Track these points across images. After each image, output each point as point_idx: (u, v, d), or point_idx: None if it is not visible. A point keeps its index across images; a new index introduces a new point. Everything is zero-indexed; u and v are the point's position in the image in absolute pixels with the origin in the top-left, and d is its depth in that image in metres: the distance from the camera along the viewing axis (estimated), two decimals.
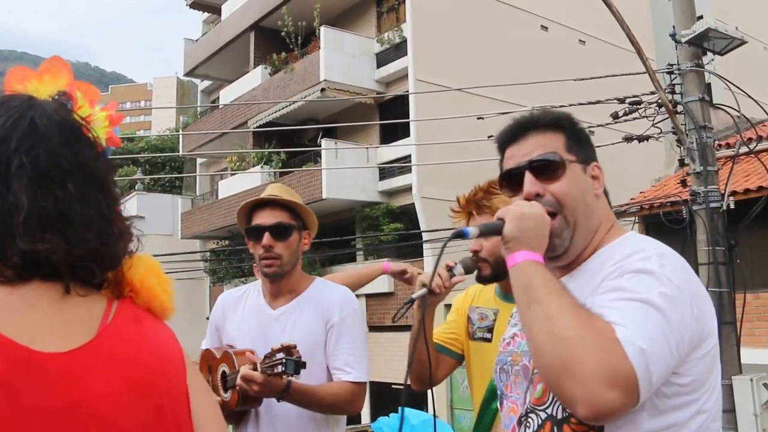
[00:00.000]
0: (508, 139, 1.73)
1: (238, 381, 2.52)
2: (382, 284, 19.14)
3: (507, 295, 2.61)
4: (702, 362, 1.42)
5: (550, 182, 1.61)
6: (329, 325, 2.77)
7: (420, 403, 9.69)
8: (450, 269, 2.36)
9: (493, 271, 2.51)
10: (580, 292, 1.46)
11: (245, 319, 2.87)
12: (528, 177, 1.63)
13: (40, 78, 1.22)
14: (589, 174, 1.67)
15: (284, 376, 2.41)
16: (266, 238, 2.74)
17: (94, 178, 1.16)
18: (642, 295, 1.35)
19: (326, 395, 2.67)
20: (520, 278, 1.48)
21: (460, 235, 1.60)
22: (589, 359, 1.26)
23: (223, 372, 2.74)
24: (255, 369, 2.48)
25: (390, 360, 16.62)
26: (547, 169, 1.62)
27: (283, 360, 2.39)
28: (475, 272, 2.50)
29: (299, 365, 2.39)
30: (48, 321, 1.07)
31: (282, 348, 2.43)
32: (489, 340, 2.58)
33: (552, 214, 1.58)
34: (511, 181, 1.70)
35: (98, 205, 1.15)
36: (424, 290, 2.24)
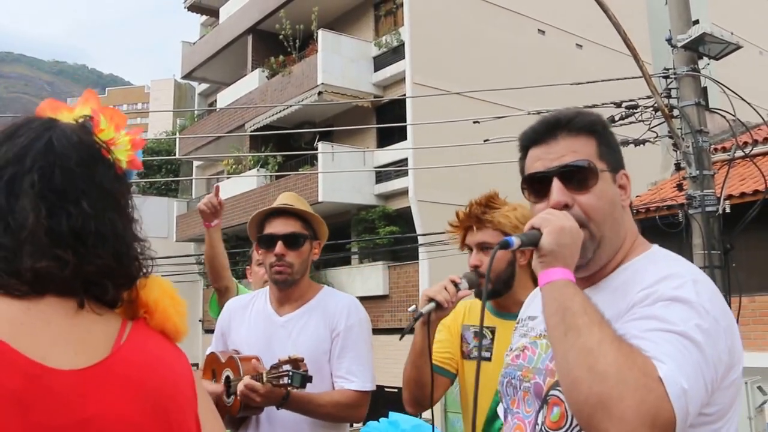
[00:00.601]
0: (535, 138, 1.61)
1: (240, 388, 2.53)
2: (376, 287, 19.17)
3: (502, 312, 2.57)
4: (729, 391, 1.37)
5: (579, 192, 1.51)
6: (335, 333, 2.77)
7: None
8: (456, 284, 2.28)
9: (493, 287, 2.47)
10: (605, 310, 1.37)
11: (252, 325, 2.87)
12: (557, 185, 1.52)
13: (71, 110, 1.26)
14: (618, 183, 1.57)
15: (290, 388, 2.43)
16: (279, 246, 2.76)
17: (111, 198, 1.19)
18: (680, 328, 1.28)
19: (325, 403, 2.66)
20: (557, 299, 1.37)
21: (505, 245, 1.48)
22: (631, 398, 1.19)
23: (227, 377, 2.74)
24: (260, 379, 2.49)
25: (383, 363, 16.60)
26: (577, 177, 1.51)
27: (290, 373, 2.40)
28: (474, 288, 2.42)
29: (305, 379, 2.41)
30: (63, 337, 1.08)
31: (289, 360, 2.44)
32: (488, 359, 2.50)
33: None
34: (535, 185, 1.59)
35: (113, 224, 1.18)
36: (432, 304, 2.18)
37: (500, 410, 1.94)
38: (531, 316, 1.77)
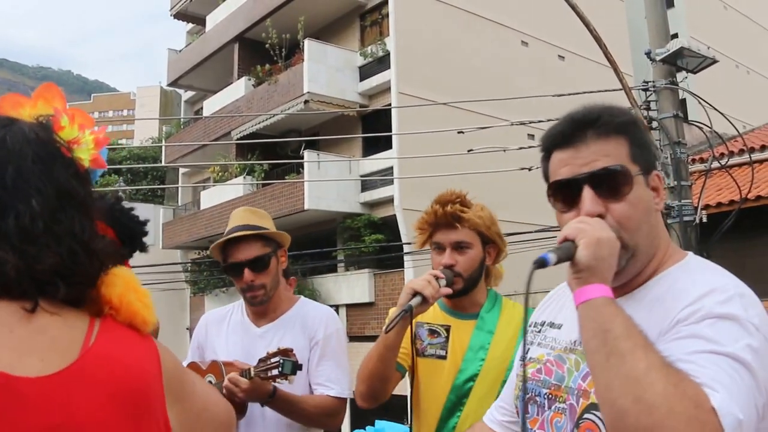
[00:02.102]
0: (561, 139, 1.46)
1: (225, 383, 2.53)
2: (362, 294, 19.20)
3: (456, 311, 2.55)
4: None
5: (612, 200, 1.38)
6: (313, 342, 2.79)
7: (400, 415, 9.75)
8: (437, 279, 2.27)
9: (465, 286, 2.46)
10: (643, 325, 1.25)
11: (229, 337, 2.88)
12: (588, 193, 1.39)
13: (33, 104, 1.23)
14: (651, 185, 1.44)
15: (279, 379, 2.44)
16: (247, 273, 2.73)
17: (68, 196, 1.16)
18: (729, 350, 1.17)
19: (310, 406, 2.69)
20: (595, 319, 1.24)
21: (542, 263, 1.30)
22: (682, 429, 1.09)
23: (209, 382, 2.69)
24: (248, 374, 2.49)
25: None
26: (610, 184, 1.38)
27: (281, 361, 2.41)
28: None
29: (296, 366, 2.43)
30: (27, 344, 1.05)
31: (278, 351, 2.46)
32: (444, 358, 2.47)
33: None
34: (562, 193, 1.45)
35: (70, 221, 1.14)
36: (418, 298, 2.17)
37: (490, 420, 1.84)
38: (552, 322, 1.62)
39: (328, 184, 19.25)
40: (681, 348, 1.21)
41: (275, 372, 2.42)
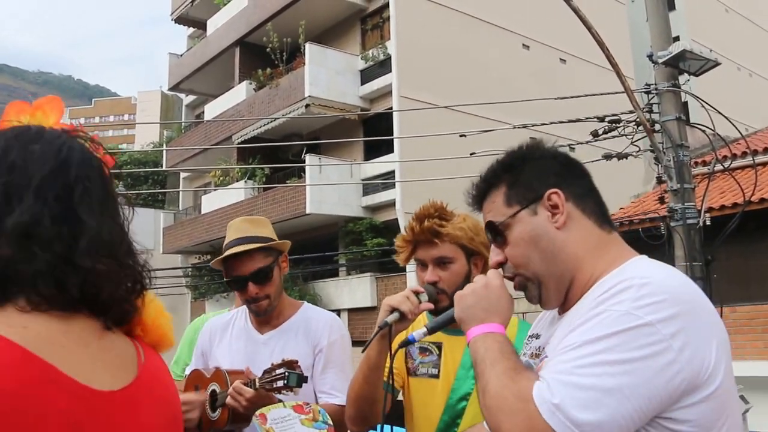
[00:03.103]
0: (476, 209, 1.71)
1: (230, 392, 2.49)
2: (364, 298, 19.18)
3: (449, 328, 2.38)
4: (703, 406, 1.28)
5: (504, 246, 1.58)
6: (317, 350, 2.76)
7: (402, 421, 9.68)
8: (417, 294, 2.19)
9: (450, 302, 2.34)
10: (562, 338, 1.40)
11: (233, 344, 2.86)
12: (492, 247, 1.62)
13: (33, 113, 1.23)
14: (544, 208, 1.53)
15: (284, 391, 2.39)
16: (251, 287, 2.70)
17: (121, 212, 1.22)
18: (593, 335, 1.28)
19: None
20: (472, 356, 1.48)
21: (407, 343, 1.68)
22: (507, 423, 1.28)
23: (213, 391, 2.68)
24: (252, 385, 2.45)
25: None
26: (494, 235, 1.59)
27: (285, 373, 2.36)
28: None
29: (302, 379, 2.38)
30: (99, 359, 1.09)
31: (283, 363, 2.41)
32: (436, 376, 2.40)
33: (516, 275, 1.57)
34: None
35: (130, 242, 1.20)
36: (396, 314, 2.10)
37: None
38: (537, 334, 1.74)
39: (329, 188, 19.25)
40: (561, 346, 1.35)
41: (280, 384, 2.37)
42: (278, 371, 2.39)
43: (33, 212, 1.06)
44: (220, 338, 2.92)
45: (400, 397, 2.55)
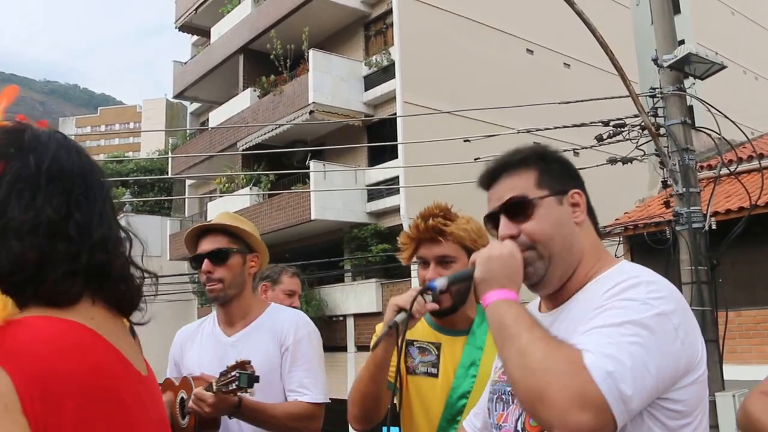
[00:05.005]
0: (484, 184, 1.78)
1: (190, 404, 2.53)
2: (369, 303, 19.17)
3: (447, 327, 2.50)
4: (693, 388, 1.45)
5: (522, 222, 1.65)
6: (284, 348, 2.76)
7: (397, 420, 9.67)
8: (424, 294, 2.16)
9: (453, 302, 2.40)
10: (569, 328, 1.50)
11: (202, 349, 2.88)
12: (502, 220, 1.68)
13: None
14: (568, 203, 1.69)
15: (239, 392, 2.41)
16: (205, 264, 2.78)
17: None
18: (620, 320, 1.38)
19: (280, 413, 2.65)
20: (494, 317, 1.53)
21: (429, 289, 1.65)
22: (557, 384, 1.31)
23: (182, 398, 2.70)
24: (210, 388, 2.47)
25: None
26: (517, 210, 1.66)
27: (237, 374, 2.39)
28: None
29: (252, 379, 2.39)
30: (132, 347, 1.18)
31: (236, 364, 2.43)
32: (435, 375, 2.43)
33: (528, 250, 1.64)
34: (492, 223, 1.75)
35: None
36: (404, 314, 2.08)
37: (469, 425, 1.99)
38: None
39: (334, 194, 19.26)
40: (585, 327, 1.42)
41: (233, 386, 2.40)
42: (232, 373, 2.42)
43: (56, 208, 1.11)
44: (190, 345, 2.94)
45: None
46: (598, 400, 1.29)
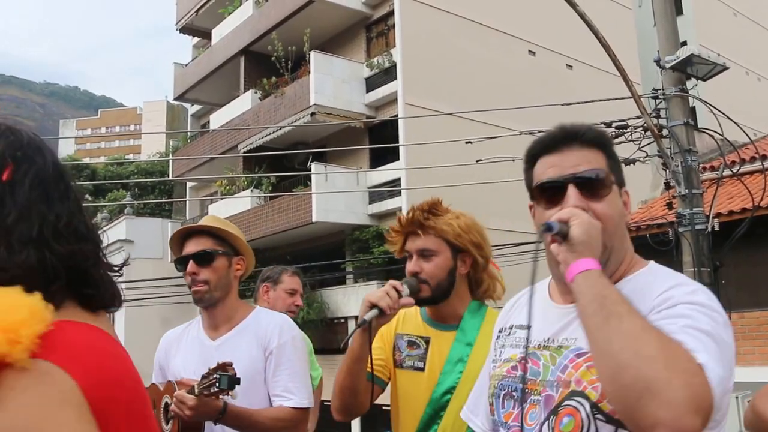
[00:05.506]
0: (549, 146, 1.62)
1: (171, 407, 2.51)
2: None
3: (437, 322, 2.51)
4: (727, 397, 1.37)
5: (594, 200, 1.52)
6: (268, 352, 2.75)
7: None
8: (397, 290, 2.26)
9: (432, 294, 2.41)
10: None
11: (187, 352, 2.87)
12: (573, 191, 1.52)
13: None
14: (622, 198, 1.61)
15: (220, 395, 2.40)
16: (190, 265, 2.77)
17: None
18: (706, 327, 1.32)
19: (264, 419, 2.64)
20: (593, 286, 1.37)
21: (549, 228, 1.45)
22: (678, 382, 1.20)
23: (166, 403, 2.69)
24: (192, 391, 2.46)
25: None
26: (593, 186, 1.53)
27: (218, 376, 2.38)
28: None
29: (233, 380, 2.38)
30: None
31: (218, 366, 2.42)
32: (421, 369, 2.43)
33: None
34: (548, 192, 1.58)
35: None
36: (375, 311, 2.16)
37: (468, 419, 1.93)
38: (520, 325, 1.73)
39: (335, 196, 19.25)
40: (668, 323, 1.34)
41: (215, 388, 2.38)
42: (213, 375, 2.41)
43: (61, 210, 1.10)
44: (175, 350, 2.93)
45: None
46: (710, 406, 1.22)
